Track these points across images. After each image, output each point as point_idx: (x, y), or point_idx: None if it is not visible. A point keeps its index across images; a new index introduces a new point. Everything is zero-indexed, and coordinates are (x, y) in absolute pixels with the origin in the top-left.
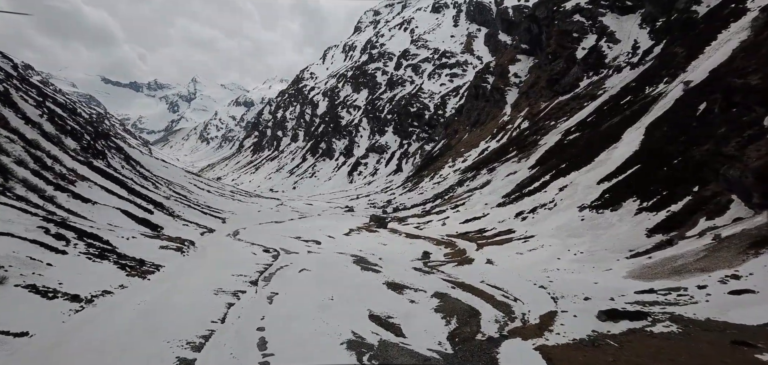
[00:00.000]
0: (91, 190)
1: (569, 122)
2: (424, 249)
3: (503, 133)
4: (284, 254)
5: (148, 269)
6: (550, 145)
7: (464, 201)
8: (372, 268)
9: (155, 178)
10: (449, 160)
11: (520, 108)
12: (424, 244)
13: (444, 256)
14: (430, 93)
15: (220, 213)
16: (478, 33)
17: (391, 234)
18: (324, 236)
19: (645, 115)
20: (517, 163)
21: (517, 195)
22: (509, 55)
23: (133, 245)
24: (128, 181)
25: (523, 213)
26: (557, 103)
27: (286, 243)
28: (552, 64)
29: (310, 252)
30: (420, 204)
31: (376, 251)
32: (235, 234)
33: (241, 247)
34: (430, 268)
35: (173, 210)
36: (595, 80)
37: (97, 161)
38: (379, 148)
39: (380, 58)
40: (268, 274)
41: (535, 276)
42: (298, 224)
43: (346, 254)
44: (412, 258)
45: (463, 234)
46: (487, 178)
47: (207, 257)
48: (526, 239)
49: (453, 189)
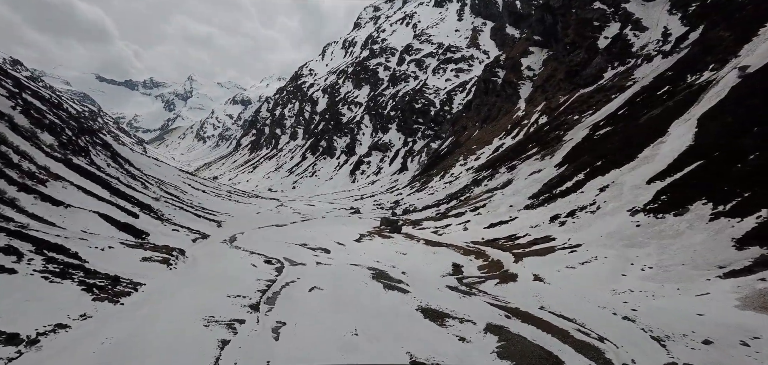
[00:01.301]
0: (65, 191)
1: (596, 116)
2: (452, 261)
3: (518, 128)
4: (289, 266)
5: (123, 289)
6: (577, 140)
7: (485, 202)
8: (396, 286)
9: (145, 177)
10: (460, 157)
11: (536, 102)
12: (449, 254)
13: (479, 271)
14: (436, 88)
15: (215, 216)
16: (483, 27)
17: (408, 240)
18: (332, 243)
19: (694, 105)
20: (540, 161)
21: (546, 196)
22: (521, 48)
23: (109, 257)
24: (112, 181)
25: (560, 217)
26: (579, 96)
27: (291, 251)
28: (571, 55)
29: (319, 263)
30: (432, 206)
31: (396, 262)
32: (232, 240)
33: (239, 258)
34: (468, 287)
35: (162, 214)
36: (621, 71)
37: (77, 158)
38: (382, 145)
39: (382, 54)
40: (272, 294)
41: (606, 300)
42: (301, 228)
43: (362, 266)
44: (442, 272)
45: (492, 242)
46: (508, 176)
47: (198, 271)
48: (572, 249)
49: (469, 190)
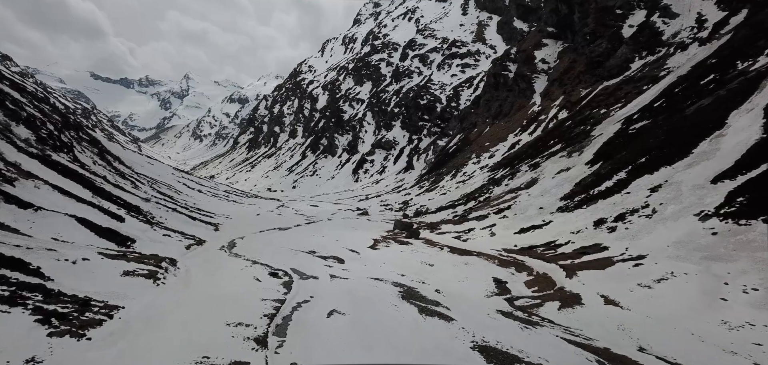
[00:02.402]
0: (37, 192)
1: (626, 109)
2: (491, 275)
3: (535, 124)
4: (299, 280)
5: (93, 317)
6: (609, 135)
7: (509, 203)
8: (435, 311)
9: (136, 175)
10: (473, 155)
11: (553, 96)
12: (484, 266)
13: (529, 289)
14: (441, 84)
15: (212, 218)
16: (489, 21)
17: (430, 247)
18: (344, 250)
19: (755, 93)
20: (567, 158)
21: (582, 197)
22: (533, 40)
23: (81, 273)
24: (97, 180)
25: (606, 221)
26: (603, 88)
27: (299, 260)
28: (591, 46)
29: (333, 276)
30: (447, 207)
31: (425, 276)
32: (231, 246)
33: (240, 269)
34: (525, 312)
35: (153, 216)
36: (651, 60)
37: (57, 155)
38: (386, 143)
39: (384, 49)
40: (282, 319)
41: (725, 338)
42: (307, 232)
43: (385, 281)
44: (485, 291)
45: (528, 250)
46: (532, 175)
47: (191, 287)
48: (635, 262)
49: (487, 190)
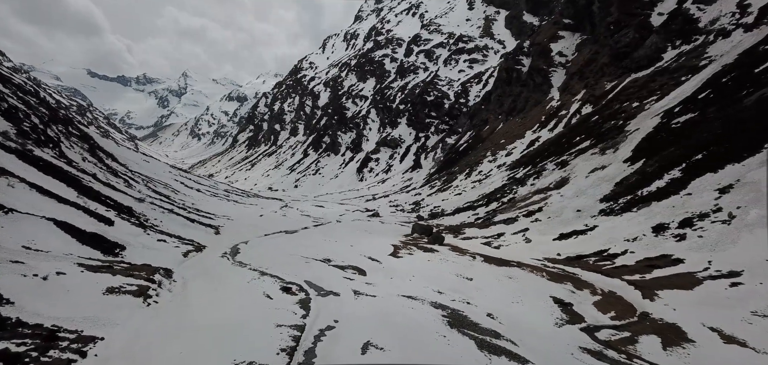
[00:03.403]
0: (11, 191)
1: (664, 102)
2: (548, 294)
3: (556, 120)
4: (317, 297)
5: (60, 357)
6: (647, 130)
7: (539, 205)
8: (499, 346)
9: (130, 173)
10: (487, 153)
11: (574, 90)
12: (534, 281)
13: (605, 315)
14: (448, 80)
15: (212, 220)
16: (496, 16)
17: (459, 255)
18: (362, 258)
19: None
20: (600, 156)
21: (628, 198)
22: (548, 32)
23: (53, 291)
24: (85, 178)
25: (668, 227)
26: (631, 80)
27: (313, 271)
28: (616, 37)
29: (357, 292)
30: (466, 209)
31: (467, 294)
32: (234, 253)
33: (246, 282)
34: (621, 352)
35: (147, 218)
36: (687, 50)
37: (41, 150)
38: (391, 141)
39: (388, 45)
40: (304, 356)
41: None
42: (317, 236)
43: (422, 300)
44: (550, 317)
45: (576, 260)
46: (560, 174)
47: (190, 308)
48: (730, 280)
49: (510, 190)
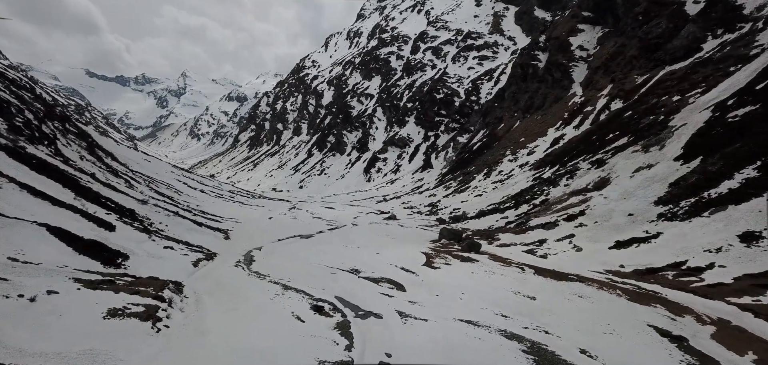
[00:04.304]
0: None
1: (712, 94)
2: (644, 321)
3: (581, 116)
4: (355, 318)
5: None
6: (698, 125)
7: (580, 208)
8: None
9: (132, 173)
10: (507, 152)
11: (599, 85)
12: (615, 304)
13: (741, 356)
14: (458, 77)
15: (219, 223)
16: (506, 12)
17: (503, 266)
18: (394, 268)
19: None
20: (643, 154)
21: (692, 201)
22: (567, 26)
23: (38, 318)
24: (83, 178)
25: (758, 236)
26: (667, 73)
27: (343, 285)
28: (645, 28)
29: (402, 314)
30: (491, 212)
31: (537, 317)
32: (249, 262)
33: (269, 298)
34: None
35: (151, 222)
36: (732, 39)
37: (34, 147)
38: (399, 140)
39: (393, 42)
40: None
41: None
42: (337, 243)
43: (487, 327)
44: (665, 356)
45: (648, 274)
46: (597, 174)
47: (206, 334)
48: None
49: (541, 191)
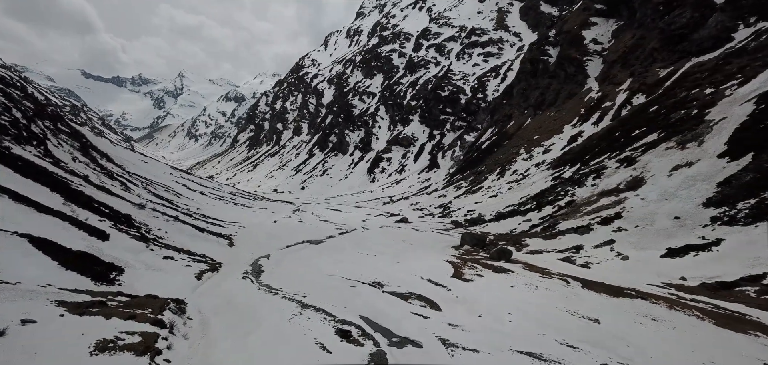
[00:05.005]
0: None
1: (751, 85)
2: (742, 353)
3: (599, 112)
4: (390, 346)
5: None
6: (740, 119)
7: (616, 210)
8: None
9: (128, 175)
10: (520, 150)
11: (617, 79)
12: (699, 328)
13: None
14: (463, 74)
15: (222, 228)
16: (510, 7)
17: (544, 278)
18: (420, 280)
19: None
20: (679, 150)
21: (753, 203)
22: (578, 19)
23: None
24: (74, 181)
25: None
26: (696, 65)
27: (366, 300)
28: (667, 18)
29: (446, 342)
30: (511, 214)
31: (613, 348)
32: (257, 273)
33: (286, 320)
34: None
35: (149, 229)
36: (767, 27)
37: (21, 147)
38: (403, 140)
39: (395, 39)
40: None
41: None
42: (350, 249)
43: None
44: None
45: (721, 289)
46: (629, 173)
47: None
48: None
49: (565, 192)
